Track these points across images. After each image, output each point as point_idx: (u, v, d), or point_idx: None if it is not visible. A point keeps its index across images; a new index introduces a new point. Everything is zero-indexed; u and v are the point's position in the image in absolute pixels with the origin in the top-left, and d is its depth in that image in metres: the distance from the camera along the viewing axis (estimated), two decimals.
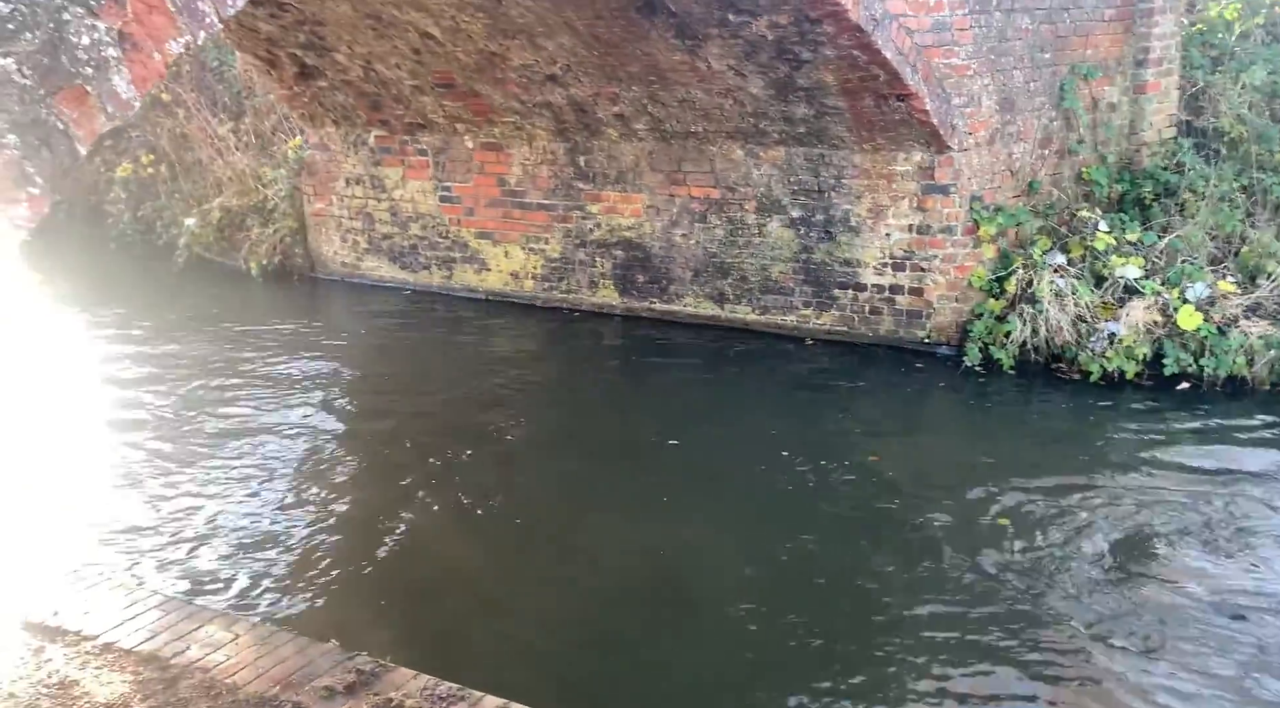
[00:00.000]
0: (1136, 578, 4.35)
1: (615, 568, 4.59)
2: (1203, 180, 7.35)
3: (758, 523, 4.94)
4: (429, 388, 6.95)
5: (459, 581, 4.55)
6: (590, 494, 5.32)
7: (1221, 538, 4.64)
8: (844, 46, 6.06)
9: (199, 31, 2.41)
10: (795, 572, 4.52)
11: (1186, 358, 6.26)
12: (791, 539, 4.75)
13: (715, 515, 5.02)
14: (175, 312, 8.77)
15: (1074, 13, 7.37)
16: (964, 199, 6.81)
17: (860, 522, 4.94)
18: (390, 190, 9.30)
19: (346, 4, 7.35)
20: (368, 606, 4.35)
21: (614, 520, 5.00)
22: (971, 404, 6.36)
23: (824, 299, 7.38)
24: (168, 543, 4.89)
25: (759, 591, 4.35)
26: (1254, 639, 3.88)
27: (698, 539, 4.81)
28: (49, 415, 6.50)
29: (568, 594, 4.43)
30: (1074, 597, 4.22)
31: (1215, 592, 4.20)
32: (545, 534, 4.93)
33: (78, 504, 5.31)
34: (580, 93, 7.60)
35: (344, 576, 4.59)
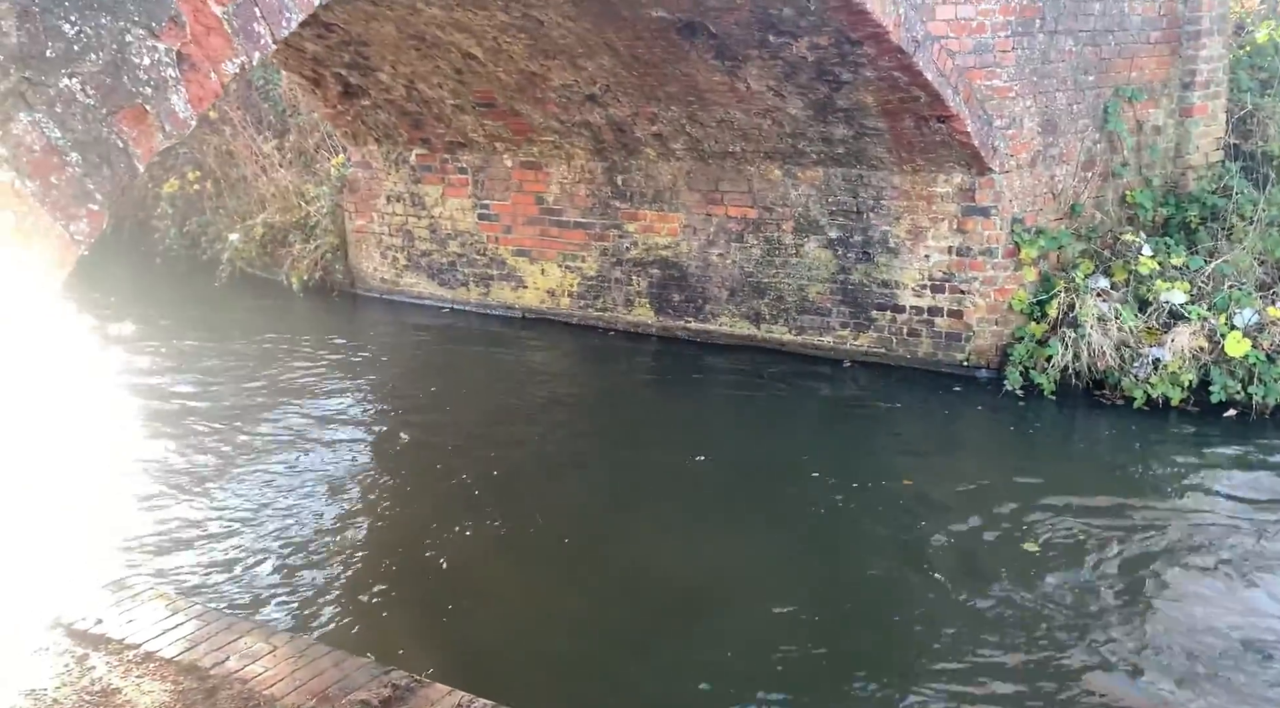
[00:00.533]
0: (1168, 610, 4.25)
1: (647, 586, 4.57)
2: (1251, 205, 7.23)
3: (789, 544, 4.90)
4: (465, 404, 6.99)
5: (494, 597, 4.55)
6: (624, 512, 5.31)
7: (1259, 571, 4.51)
8: (884, 68, 6.05)
9: (254, 52, 2.46)
10: (824, 593, 4.48)
11: (1234, 385, 6.14)
12: (822, 561, 4.73)
13: (747, 536, 4.99)
14: (218, 325, 8.92)
15: (1118, 35, 7.31)
16: (1005, 221, 6.75)
17: (891, 545, 4.88)
18: (430, 208, 9.41)
19: (391, 25, 7.48)
20: (404, 620, 4.37)
21: (648, 539, 4.99)
22: (1011, 429, 6.28)
23: (861, 320, 7.33)
24: (208, 554, 4.95)
25: (788, 611, 4.32)
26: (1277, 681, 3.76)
27: (729, 559, 4.78)
28: (93, 427, 6.62)
29: (601, 612, 4.41)
30: (1103, 627, 4.13)
31: (1247, 628, 4.09)
32: (580, 552, 4.92)
33: (120, 515, 5.39)
34: (619, 113, 7.66)
35: (380, 590, 4.61)
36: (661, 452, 6.05)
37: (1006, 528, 4.96)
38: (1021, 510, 5.11)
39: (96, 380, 7.52)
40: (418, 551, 4.93)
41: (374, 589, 4.61)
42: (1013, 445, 6.15)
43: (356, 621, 4.36)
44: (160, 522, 5.29)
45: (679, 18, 6.22)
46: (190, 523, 5.28)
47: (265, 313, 9.34)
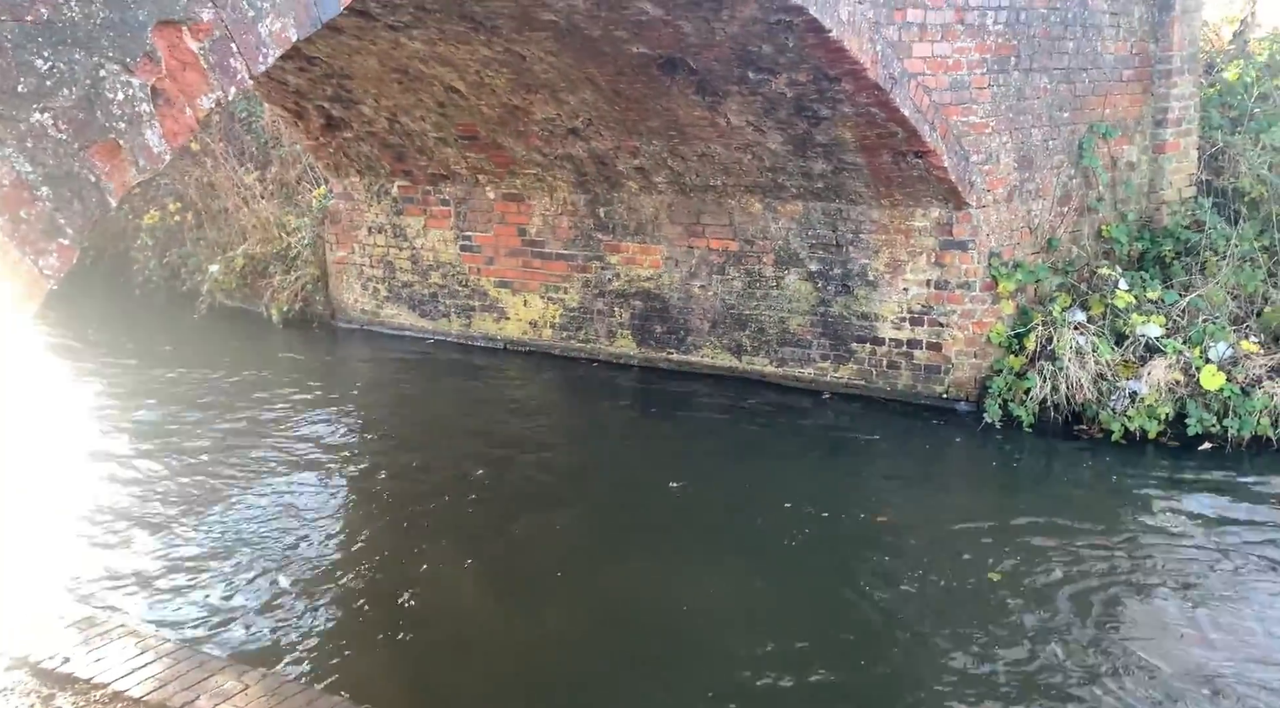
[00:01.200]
0: (1131, 645, 4.24)
1: (622, 623, 4.54)
2: (1224, 240, 7.33)
3: (761, 579, 4.88)
4: (445, 436, 6.94)
5: (470, 633, 4.49)
6: (601, 547, 5.27)
7: (1225, 603, 4.52)
8: (862, 104, 6.12)
9: (230, 87, 2.47)
10: (792, 627, 4.46)
11: (1209, 418, 6.18)
12: (792, 595, 4.72)
13: (720, 570, 4.97)
14: (196, 356, 8.85)
15: (1092, 73, 7.44)
16: (982, 255, 6.82)
17: (862, 579, 4.86)
18: (412, 239, 9.41)
19: (374, 58, 7.52)
20: (379, 658, 4.30)
21: (622, 575, 4.95)
22: (989, 461, 6.29)
23: (842, 353, 7.36)
24: (180, 591, 4.87)
25: (758, 646, 4.30)
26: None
27: (701, 594, 4.76)
28: (64, 460, 6.53)
29: (576, 648, 4.36)
30: (1063, 658, 4.12)
31: (1204, 662, 4.09)
32: (555, 587, 4.87)
33: (89, 551, 5.30)
34: (601, 146, 7.71)
35: (355, 627, 4.54)
36: (639, 484, 6.02)
37: (976, 561, 4.95)
38: (994, 544, 5.11)
39: (69, 412, 7.43)
40: (393, 587, 4.87)
41: (349, 626, 4.54)
42: (991, 479, 6.16)
43: (331, 658, 4.29)
44: (131, 558, 5.20)
45: (660, 54, 6.29)
46: (162, 559, 5.20)
47: (244, 344, 9.28)
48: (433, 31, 6.72)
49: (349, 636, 4.47)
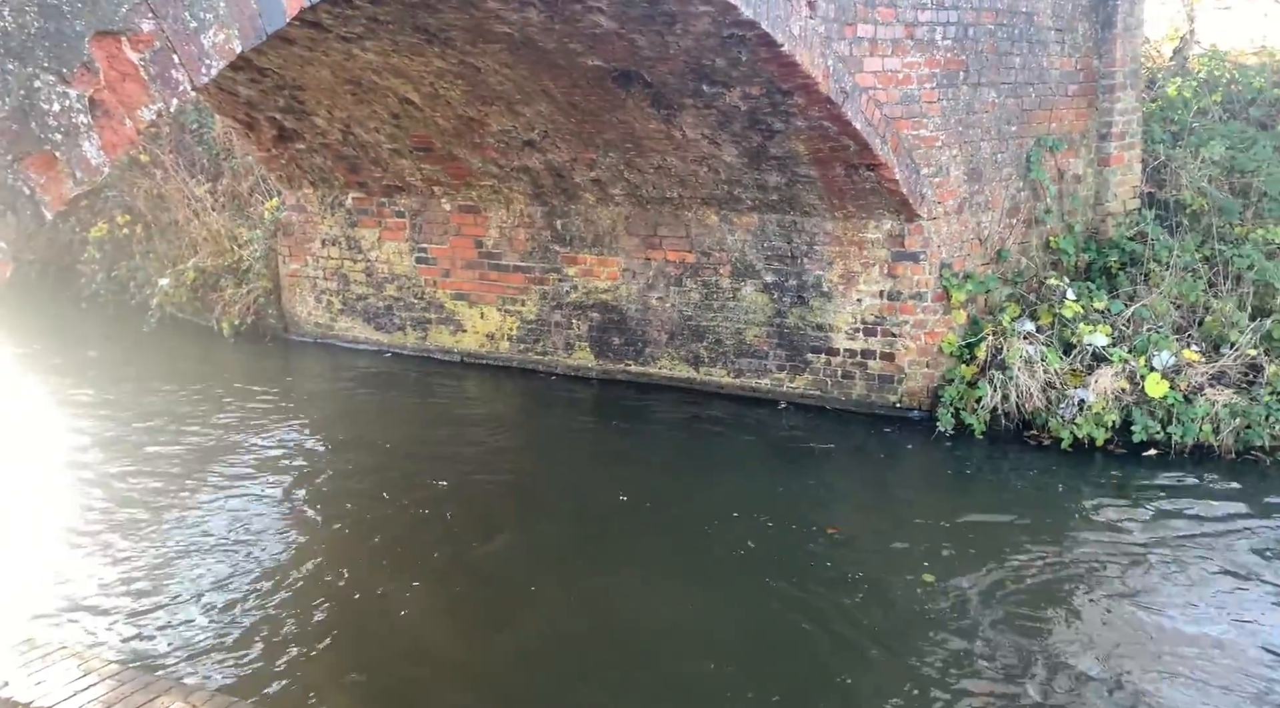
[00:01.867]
0: (1065, 645, 4.31)
1: (574, 636, 4.52)
2: (1166, 251, 7.52)
3: (709, 589, 4.88)
4: (400, 452, 6.87)
5: (423, 649, 4.44)
6: (555, 562, 5.23)
7: (1160, 606, 4.62)
8: (815, 118, 6.20)
9: (172, 99, 2.42)
10: (741, 632, 4.50)
11: (1154, 425, 6.32)
12: (738, 605, 4.73)
13: (670, 581, 4.98)
14: (144, 371, 8.67)
15: (1039, 87, 7.60)
16: (934, 266, 6.92)
17: (808, 588, 4.88)
18: (366, 251, 9.32)
19: (326, 70, 7.46)
20: (329, 677, 4.23)
21: (574, 590, 4.92)
22: (941, 469, 6.37)
23: (797, 363, 7.41)
24: (124, 611, 4.75)
25: (700, 657, 4.32)
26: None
27: (651, 605, 4.77)
28: (3, 477, 6.35)
29: (527, 663, 4.33)
30: (1000, 661, 4.18)
31: (1131, 665, 4.17)
32: (507, 599, 4.84)
33: (30, 570, 5.15)
34: (558, 158, 7.71)
35: (304, 646, 4.47)
36: (594, 498, 6.00)
37: (919, 566, 5.00)
38: (939, 549, 5.17)
39: (8, 429, 7.24)
40: (344, 606, 4.80)
41: (299, 646, 4.46)
42: (942, 486, 6.23)
43: (280, 678, 4.21)
44: (74, 578, 5.07)
45: (614, 67, 6.31)
46: (106, 579, 5.07)
47: (195, 359, 9.12)
48: (386, 43, 6.68)
49: (299, 656, 4.40)
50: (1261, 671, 4.11)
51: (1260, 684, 4.02)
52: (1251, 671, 4.11)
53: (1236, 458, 6.21)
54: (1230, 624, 4.47)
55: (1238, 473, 6.04)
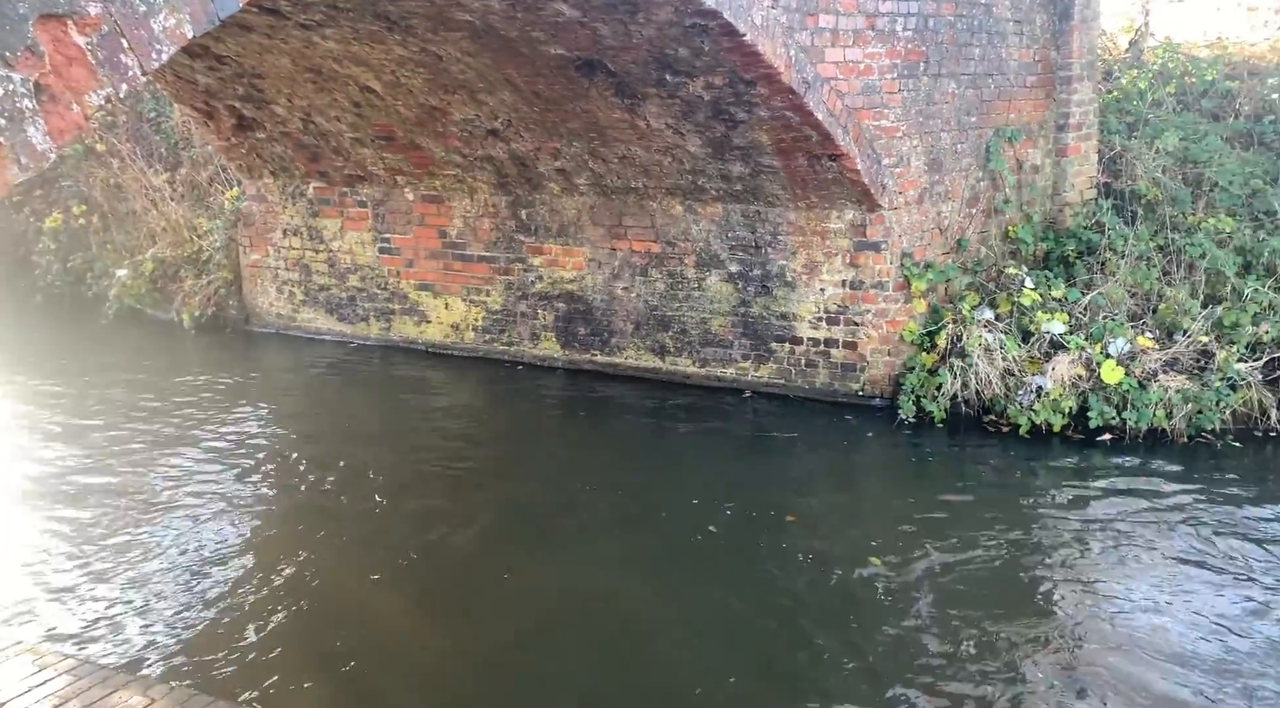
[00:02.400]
0: (1014, 628, 4.39)
1: (536, 626, 4.53)
2: (1122, 240, 7.65)
3: (666, 576, 4.92)
4: (363, 444, 6.82)
5: (384, 639, 4.42)
6: (517, 553, 5.22)
7: (1112, 588, 4.71)
8: (777, 108, 6.23)
9: (121, 84, 2.39)
10: (697, 616, 4.55)
11: (1110, 411, 6.45)
12: (706, 588, 4.78)
13: (628, 570, 5.00)
14: (102, 365, 8.53)
15: (997, 79, 7.70)
16: (895, 256, 6.99)
17: (771, 571, 4.93)
18: (328, 242, 9.23)
19: (286, 58, 7.36)
20: (288, 668, 4.21)
21: (536, 580, 4.92)
22: (902, 457, 6.45)
23: (762, 352, 7.46)
24: (80, 606, 4.69)
25: (671, 637, 4.38)
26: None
27: (608, 593, 4.81)
28: None
29: (490, 652, 4.34)
30: (940, 642, 4.26)
31: (1075, 640, 4.26)
32: (468, 592, 4.84)
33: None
34: (521, 147, 7.68)
35: (264, 637, 4.43)
36: (558, 488, 6.00)
37: (872, 551, 5.06)
38: (894, 534, 5.23)
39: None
40: (305, 597, 4.77)
41: (257, 634, 4.43)
42: (903, 474, 6.31)
43: (240, 669, 4.18)
44: (27, 573, 4.99)
45: (577, 55, 6.29)
46: (61, 573, 5.00)
47: (154, 351, 8.98)
48: (346, 30, 6.61)
49: (259, 646, 4.36)
50: (1211, 646, 4.22)
51: (1212, 657, 4.13)
52: (1201, 645, 4.22)
53: (1189, 442, 6.35)
54: (1181, 601, 4.58)
55: (1190, 456, 6.18)
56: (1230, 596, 4.62)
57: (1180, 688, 3.95)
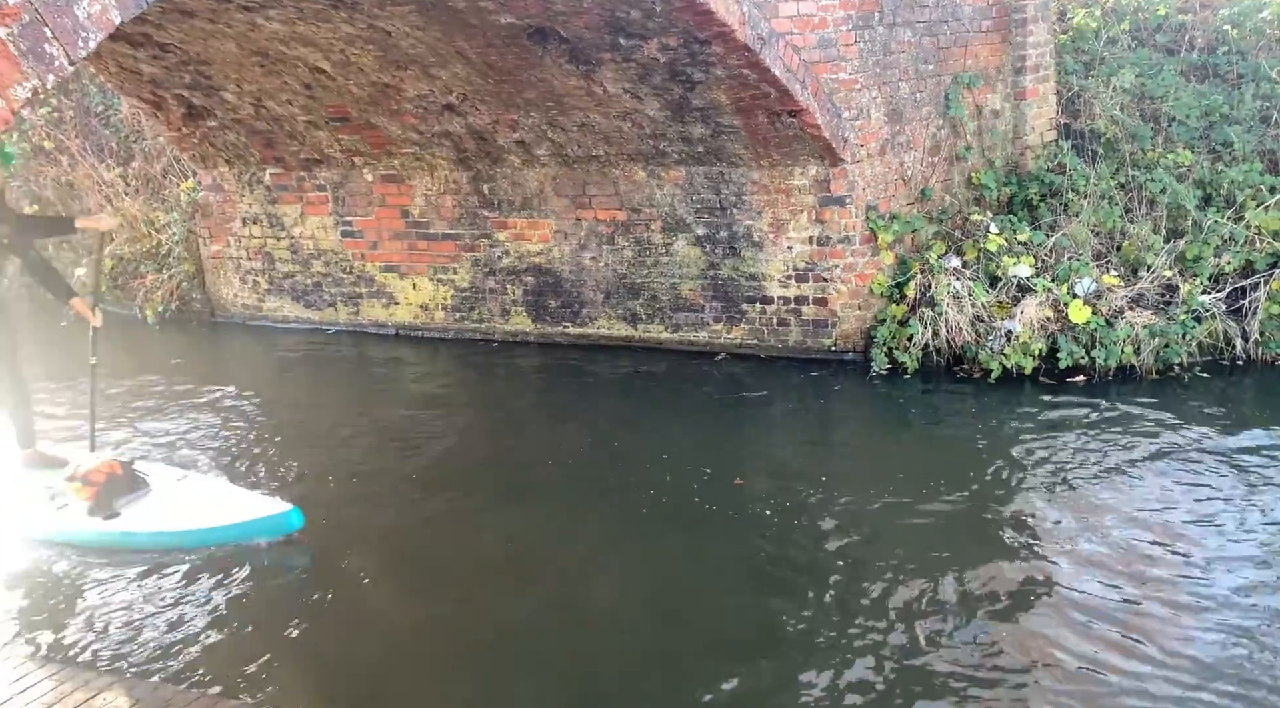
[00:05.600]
0: (1003, 572, 4.42)
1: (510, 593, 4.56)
2: (1084, 180, 7.68)
3: (652, 539, 4.95)
4: (337, 428, 6.77)
5: (368, 626, 4.40)
6: (503, 532, 5.21)
7: (1093, 533, 4.76)
8: (734, 66, 6.17)
9: (48, 75, 2.31)
10: (659, 576, 4.60)
11: (1079, 351, 6.51)
12: (684, 552, 4.82)
13: (593, 536, 5.04)
14: (63, 367, 8.37)
15: (953, 25, 7.66)
16: (860, 209, 6.98)
17: (745, 530, 4.96)
18: (289, 228, 9.10)
19: (231, 42, 7.19)
20: (275, 659, 4.19)
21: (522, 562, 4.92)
22: (876, 408, 6.49)
23: (733, 314, 7.46)
24: (59, 609, 4.64)
25: (646, 600, 4.43)
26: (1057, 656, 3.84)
27: (594, 556, 4.84)
28: None
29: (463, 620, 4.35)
30: (898, 591, 4.31)
31: (1055, 588, 4.29)
32: (451, 570, 4.84)
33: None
34: (479, 121, 7.57)
35: (249, 629, 4.42)
36: (527, 462, 5.97)
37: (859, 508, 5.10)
38: (874, 489, 5.25)
39: None
40: (285, 586, 4.75)
41: (241, 630, 4.41)
42: (875, 424, 6.35)
43: (222, 664, 4.15)
44: (5, 578, 4.93)
45: (528, 23, 6.19)
46: (38, 576, 4.94)
47: (117, 349, 8.82)
48: (290, 10, 6.45)
49: (241, 638, 4.35)
50: (1191, 569, 4.30)
51: (1190, 582, 4.21)
52: (1183, 570, 4.30)
53: (1158, 377, 6.43)
54: (1159, 528, 4.65)
55: (1160, 391, 6.27)
56: (1206, 516, 4.71)
57: (1154, 618, 4.02)
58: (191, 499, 5.27)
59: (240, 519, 5.01)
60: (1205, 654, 3.76)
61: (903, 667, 3.85)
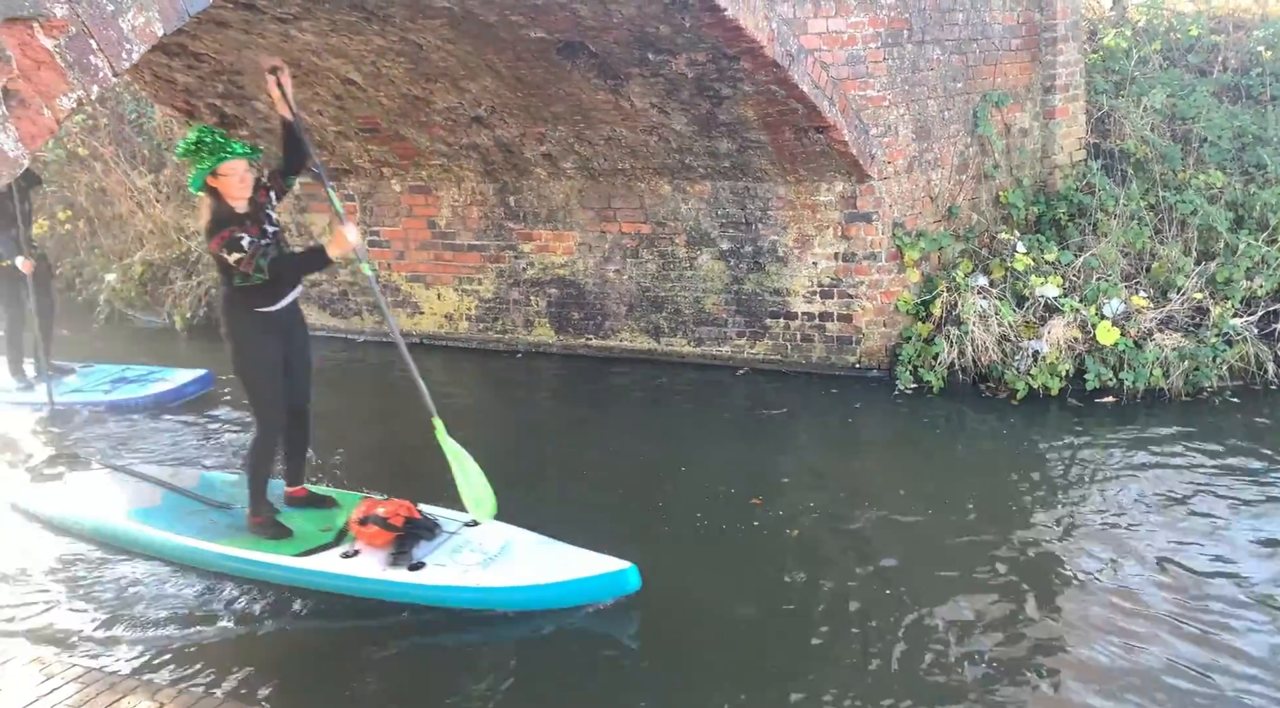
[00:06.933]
0: (1027, 593, 4.38)
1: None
2: (1113, 200, 7.62)
3: (667, 552, 4.90)
4: (359, 436, 6.81)
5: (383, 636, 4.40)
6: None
7: (1118, 562, 4.68)
8: (762, 82, 6.18)
9: (92, 86, 2.35)
10: (689, 594, 4.54)
11: (1106, 372, 6.44)
12: (700, 566, 4.78)
13: (622, 544, 4.92)
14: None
15: (982, 43, 7.64)
16: (886, 226, 6.96)
17: (761, 547, 4.93)
18: (317, 237, 9.17)
19: (265, 53, 7.28)
20: (295, 664, 4.21)
21: None
22: (900, 428, 6.44)
23: (757, 329, 7.44)
24: (87, 613, 4.68)
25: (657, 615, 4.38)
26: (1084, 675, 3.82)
27: None
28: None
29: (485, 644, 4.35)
30: (935, 607, 4.26)
31: (1084, 612, 4.24)
32: None
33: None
34: (506, 134, 7.62)
35: (271, 636, 4.43)
36: (550, 477, 5.96)
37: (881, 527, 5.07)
38: (898, 508, 5.21)
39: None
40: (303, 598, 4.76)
41: (262, 636, 4.43)
42: (901, 444, 6.29)
43: (246, 671, 4.18)
44: (34, 580, 4.98)
45: (558, 38, 6.23)
46: (66, 580, 4.99)
47: (147, 354, 8.93)
48: (323, 23, 6.54)
49: (263, 645, 4.36)
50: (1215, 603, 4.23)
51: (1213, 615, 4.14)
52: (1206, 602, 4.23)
53: (1187, 400, 6.35)
54: (1183, 556, 4.58)
55: (1189, 414, 6.18)
56: (1237, 541, 4.64)
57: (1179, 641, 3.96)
58: (500, 548, 4.55)
59: (572, 576, 4.29)
60: (1228, 687, 3.69)
61: (922, 687, 3.80)
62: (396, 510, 4.68)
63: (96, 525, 5.29)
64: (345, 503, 5.13)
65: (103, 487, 5.61)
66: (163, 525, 5.09)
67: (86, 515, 5.36)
